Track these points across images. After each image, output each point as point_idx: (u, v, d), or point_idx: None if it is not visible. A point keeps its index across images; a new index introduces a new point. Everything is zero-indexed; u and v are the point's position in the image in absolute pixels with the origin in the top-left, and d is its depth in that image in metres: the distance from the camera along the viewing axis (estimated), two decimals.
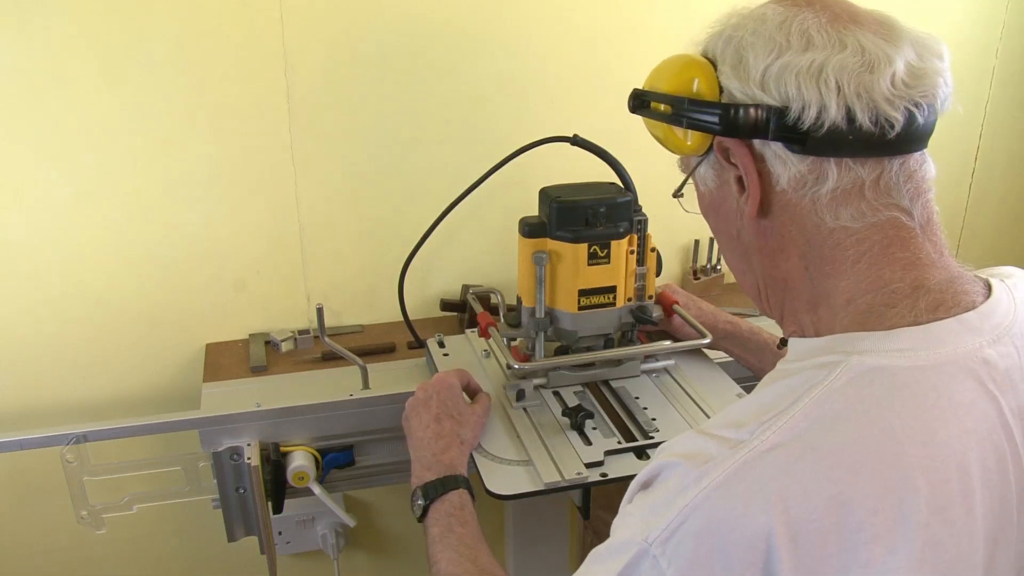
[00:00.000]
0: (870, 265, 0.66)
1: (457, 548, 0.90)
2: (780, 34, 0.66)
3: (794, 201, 0.68)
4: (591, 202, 1.12)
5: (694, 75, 0.72)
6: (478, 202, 1.34)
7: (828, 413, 0.59)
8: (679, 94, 0.73)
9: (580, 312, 1.16)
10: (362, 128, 1.44)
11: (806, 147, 0.65)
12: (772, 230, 0.71)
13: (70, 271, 1.39)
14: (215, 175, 1.40)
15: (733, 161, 0.70)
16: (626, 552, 0.61)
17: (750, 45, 0.67)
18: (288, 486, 1.24)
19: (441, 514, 0.95)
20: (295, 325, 1.53)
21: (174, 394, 1.50)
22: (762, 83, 0.66)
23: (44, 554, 1.58)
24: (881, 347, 0.62)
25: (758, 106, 0.66)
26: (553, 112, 1.50)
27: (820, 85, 0.64)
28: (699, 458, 0.60)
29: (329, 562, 1.63)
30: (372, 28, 1.38)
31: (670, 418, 1.14)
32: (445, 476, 0.98)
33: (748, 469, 0.58)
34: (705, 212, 0.79)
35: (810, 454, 0.58)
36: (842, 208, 0.66)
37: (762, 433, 0.59)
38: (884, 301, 0.65)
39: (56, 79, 1.28)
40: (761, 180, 0.69)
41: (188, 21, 1.30)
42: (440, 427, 1.04)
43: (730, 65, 0.69)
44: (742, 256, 0.76)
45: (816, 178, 0.66)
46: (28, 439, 1.19)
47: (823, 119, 0.64)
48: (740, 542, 0.57)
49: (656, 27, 1.50)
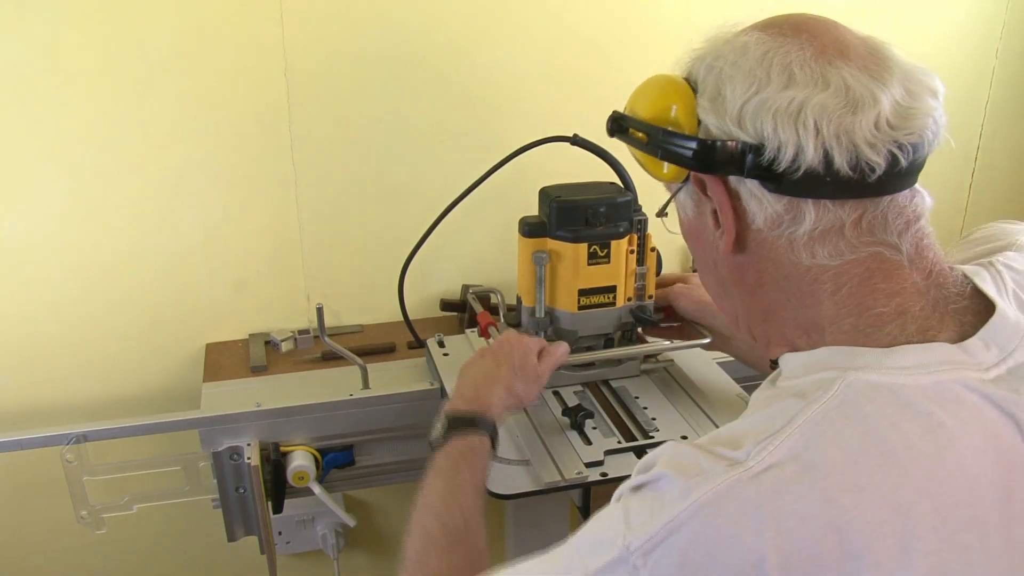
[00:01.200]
0: (851, 294, 0.64)
1: (451, 486, 0.87)
2: (760, 68, 0.63)
3: (770, 240, 0.66)
4: (591, 202, 1.12)
5: (672, 102, 0.69)
6: (478, 202, 1.34)
7: (826, 432, 0.57)
8: (656, 122, 0.70)
9: (580, 312, 1.16)
10: (362, 128, 1.44)
11: (781, 187, 0.63)
12: (749, 265, 0.69)
13: (70, 271, 1.39)
14: (215, 175, 1.40)
15: (708, 194, 0.68)
16: (605, 552, 0.59)
17: (728, 78, 0.64)
18: (288, 486, 1.24)
19: (454, 450, 0.91)
20: (295, 325, 1.53)
21: (174, 394, 1.50)
22: (739, 119, 0.63)
23: (44, 554, 1.58)
24: (881, 363, 0.60)
25: (734, 142, 0.63)
26: (553, 112, 1.50)
27: (798, 126, 0.61)
28: (691, 471, 0.58)
29: (329, 562, 1.63)
30: (372, 28, 1.38)
31: (670, 418, 1.14)
32: (476, 415, 0.94)
33: (741, 488, 0.55)
34: (685, 237, 0.78)
35: (807, 475, 0.55)
36: (819, 247, 0.64)
37: (758, 454, 0.56)
38: (869, 323, 0.63)
39: (56, 79, 1.28)
40: (736, 217, 0.66)
41: (188, 22, 1.30)
42: (497, 370, 1.00)
43: (708, 97, 0.66)
44: (720, 286, 0.75)
45: (792, 218, 0.64)
46: (28, 439, 1.19)
47: (799, 161, 0.61)
48: (728, 565, 0.55)
49: (656, 27, 1.50)
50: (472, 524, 0.84)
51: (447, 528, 0.83)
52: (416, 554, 0.81)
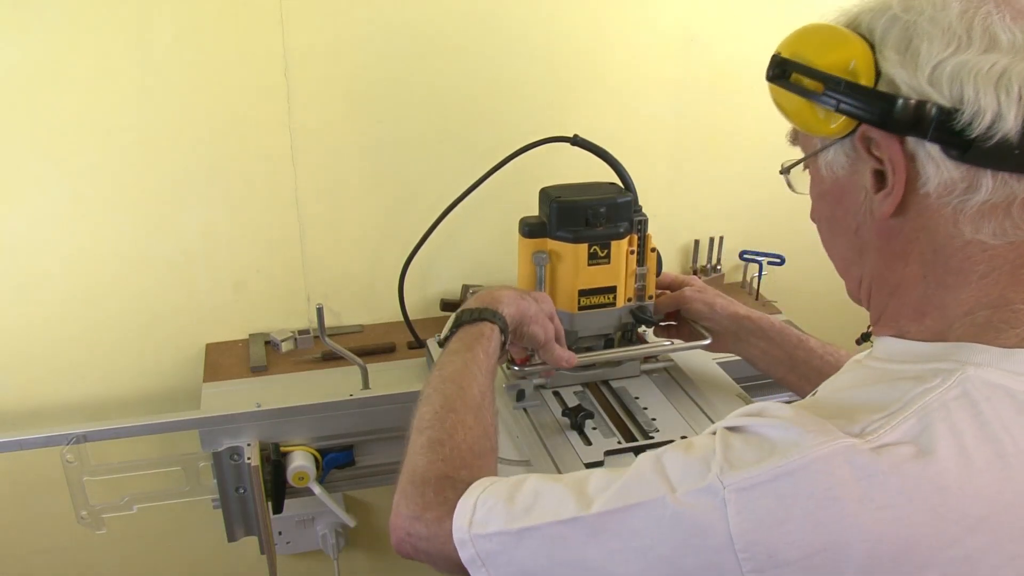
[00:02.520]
0: (996, 282, 0.62)
1: (468, 364, 0.87)
2: (960, 26, 0.59)
3: (935, 207, 0.62)
4: (591, 202, 1.12)
5: (850, 55, 0.63)
6: (478, 202, 1.34)
7: (944, 422, 0.56)
8: (832, 71, 0.64)
9: (580, 312, 1.16)
10: (362, 128, 1.44)
11: (966, 154, 0.59)
12: (900, 233, 0.65)
13: (70, 271, 1.39)
14: (215, 175, 1.40)
15: (875, 153, 0.63)
16: (694, 479, 0.59)
17: (925, 33, 0.60)
18: (288, 486, 1.24)
19: (471, 335, 0.91)
20: (295, 325, 1.53)
21: (174, 394, 1.50)
22: (932, 78, 0.59)
23: (44, 554, 1.58)
24: (1000, 364, 0.59)
25: (924, 102, 0.59)
26: (553, 112, 1.50)
27: (1000, 92, 0.57)
28: (808, 427, 0.57)
29: (329, 562, 1.63)
30: (372, 29, 1.38)
31: (670, 418, 1.14)
32: (492, 309, 0.94)
33: (857, 455, 0.55)
34: (819, 197, 0.73)
35: (921, 459, 0.55)
36: (985, 222, 0.61)
37: (874, 430, 0.56)
38: (1004, 319, 0.61)
39: (55, 79, 1.28)
40: (907, 180, 0.62)
41: (188, 21, 1.30)
42: (520, 296, 1.00)
43: (894, 49, 0.61)
44: (855, 251, 0.71)
45: (967, 187, 0.60)
46: (28, 439, 1.19)
47: (996, 129, 0.57)
48: (823, 523, 0.55)
49: (657, 28, 1.50)
50: (487, 400, 0.85)
51: (466, 400, 0.83)
52: (436, 418, 0.81)
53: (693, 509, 0.58)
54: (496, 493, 0.69)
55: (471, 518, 0.69)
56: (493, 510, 0.68)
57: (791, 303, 1.62)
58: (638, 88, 1.53)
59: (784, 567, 0.56)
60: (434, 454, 0.77)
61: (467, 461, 0.76)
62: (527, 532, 0.65)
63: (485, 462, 0.76)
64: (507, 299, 0.97)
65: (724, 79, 1.54)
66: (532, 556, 0.65)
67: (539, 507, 0.66)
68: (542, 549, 0.65)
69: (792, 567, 0.56)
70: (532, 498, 0.67)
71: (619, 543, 0.61)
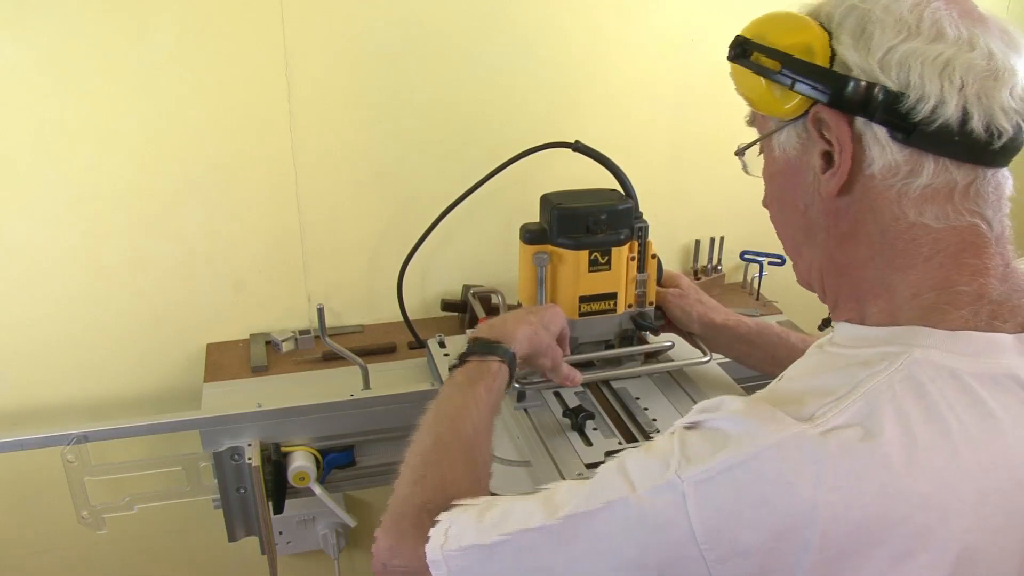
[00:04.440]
0: (940, 265, 0.65)
1: (466, 401, 0.88)
2: (912, 16, 0.63)
3: (880, 189, 0.66)
4: (592, 209, 1.13)
5: (809, 38, 0.67)
6: (479, 203, 1.34)
7: (890, 403, 0.59)
8: (791, 51, 0.68)
9: (581, 319, 1.16)
10: (363, 128, 1.44)
11: (910, 138, 0.63)
12: (847, 213, 0.68)
13: (70, 271, 1.39)
14: (216, 175, 1.40)
15: (825, 134, 0.67)
16: (654, 476, 0.61)
17: (879, 21, 0.64)
18: (289, 486, 1.24)
19: (474, 370, 0.92)
20: (296, 325, 1.53)
21: (175, 394, 1.50)
22: (883, 63, 0.63)
23: (45, 554, 1.58)
24: (945, 346, 0.62)
25: (874, 84, 0.63)
26: (554, 113, 1.49)
27: (944, 80, 0.62)
28: (760, 416, 0.60)
29: (330, 562, 1.64)
30: (373, 29, 1.38)
31: (671, 418, 1.14)
32: (500, 342, 0.95)
33: (806, 441, 0.57)
34: (771, 178, 0.76)
35: (869, 440, 0.57)
36: (927, 206, 0.64)
37: (823, 415, 0.58)
38: (949, 300, 0.64)
39: (56, 79, 1.28)
40: (853, 160, 0.66)
41: (188, 21, 1.30)
42: (527, 316, 1.02)
43: (849, 35, 0.65)
44: (804, 232, 0.74)
45: (910, 171, 0.64)
46: (29, 439, 1.19)
47: (938, 114, 0.62)
48: (778, 509, 0.57)
49: (658, 32, 1.50)
50: (481, 438, 0.85)
51: (458, 435, 0.84)
52: (422, 453, 0.82)
53: (654, 506, 0.60)
54: (467, 512, 0.71)
55: (444, 538, 0.70)
56: (465, 527, 0.69)
57: (791, 303, 1.62)
58: (639, 90, 1.53)
59: (746, 555, 0.58)
60: (416, 487, 0.78)
61: (449, 492, 0.76)
62: (497, 544, 0.67)
63: (469, 495, 0.76)
64: (522, 335, 0.98)
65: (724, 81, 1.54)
66: (503, 568, 0.67)
67: (509, 520, 0.67)
68: (513, 560, 0.66)
69: (753, 554, 0.57)
70: (501, 513, 0.68)
71: (586, 546, 0.63)
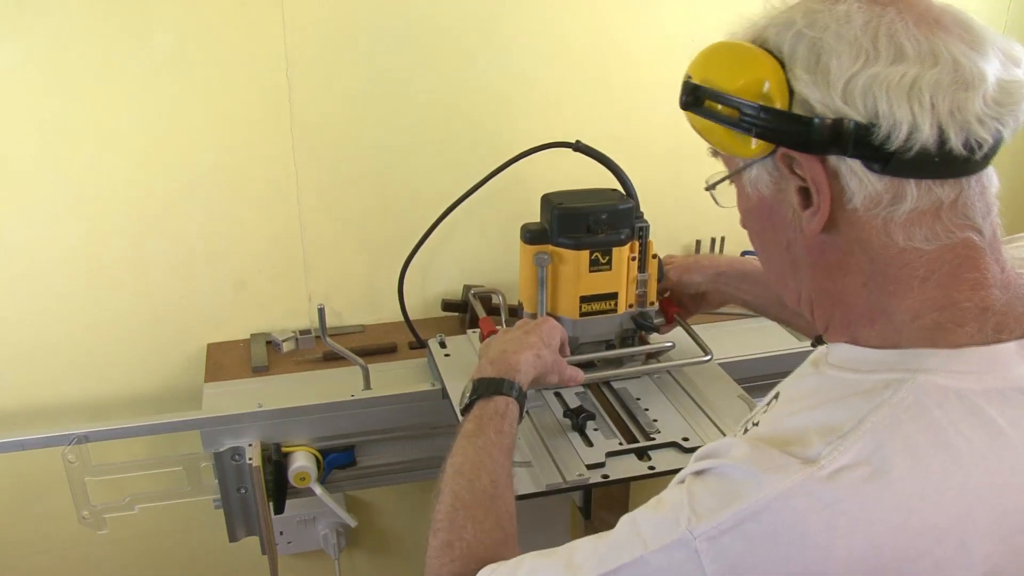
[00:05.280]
0: (938, 285, 0.61)
1: (479, 450, 0.87)
2: (866, 39, 0.59)
3: (864, 220, 0.62)
4: (593, 209, 1.13)
5: (762, 76, 0.62)
6: (479, 203, 1.34)
7: (896, 436, 0.57)
8: (744, 96, 0.63)
9: (581, 319, 1.16)
10: (364, 128, 1.44)
11: (888, 167, 0.59)
12: (833, 246, 0.65)
13: (71, 271, 1.39)
14: (217, 175, 1.40)
15: (798, 172, 0.63)
16: (666, 533, 0.60)
17: (832, 49, 0.59)
18: (289, 486, 1.24)
19: (482, 413, 0.91)
20: (296, 325, 1.53)
21: (175, 394, 1.50)
22: (845, 94, 0.59)
23: (45, 554, 1.58)
24: (949, 367, 0.60)
25: (841, 119, 0.59)
26: (556, 117, 1.49)
27: (913, 103, 0.57)
28: (765, 464, 0.58)
29: (330, 562, 1.64)
30: (374, 29, 1.38)
31: (671, 419, 1.14)
32: (502, 378, 0.94)
33: (814, 486, 0.56)
34: (748, 215, 0.72)
35: (878, 479, 0.56)
36: (916, 229, 0.60)
37: (829, 454, 0.57)
38: (952, 319, 0.61)
39: (57, 80, 1.28)
40: (832, 197, 0.62)
41: (189, 21, 1.30)
42: (526, 337, 1.01)
43: (805, 68, 0.61)
44: (789, 267, 0.70)
45: (892, 198, 0.60)
46: (30, 439, 1.19)
47: (913, 140, 0.57)
48: (793, 558, 0.55)
49: (661, 33, 1.50)
50: (500, 488, 0.85)
51: (476, 493, 0.83)
52: (447, 518, 0.82)
53: (670, 563, 0.60)
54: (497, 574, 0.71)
55: None
56: None
57: None
58: (640, 90, 1.53)
59: None
60: (446, 556, 0.78)
61: (478, 556, 0.77)
62: None
63: (498, 553, 0.77)
64: (525, 363, 0.97)
65: None
66: None
67: None
68: None
69: None
70: None
71: None
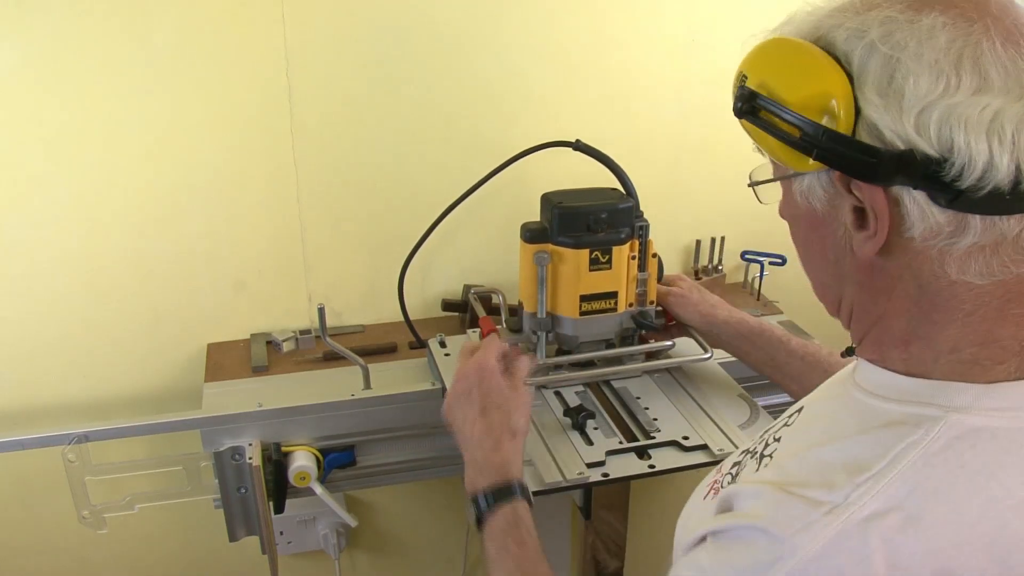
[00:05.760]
0: (983, 319, 0.59)
1: (512, 572, 0.86)
2: (948, 63, 0.53)
3: (919, 249, 0.58)
4: (593, 208, 1.13)
5: (828, 90, 0.57)
6: (480, 202, 1.34)
7: (929, 480, 0.55)
8: (807, 113, 0.58)
9: (581, 318, 1.16)
10: (364, 128, 1.44)
11: (956, 202, 0.54)
12: (882, 270, 0.61)
13: (71, 271, 1.39)
14: (217, 175, 1.40)
15: (855, 192, 0.59)
16: None
17: (910, 71, 0.54)
18: (289, 486, 1.24)
19: (496, 531, 0.89)
20: (296, 325, 1.53)
21: (175, 394, 1.50)
22: (918, 124, 0.54)
23: (45, 554, 1.58)
24: (981, 404, 0.58)
25: (911, 150, 0.54)
26: (556, 115, 1.49)
27: (992, 139, 0.52)
28: (789, 524, 0.56)
29: (330, 562, 1.64)
30: (375, 28, 1.38)
31: (671, 418, 1.14)
32: (498, 484, 0.91)
33: (846, 539, 0.54)
34: (793, 219, 0.68)
35: (911, 526, 0.54)
36: (971, 263, 0.57)
37: (859, 498, 0.55)
38: (991, 356, 0.59)
39: (57, 80, 1.28)
40: (890, 224, 0.58)
41: (189, 21, 1.30)
42: (488, 421, 0.97)
43: (876, 90, 0.55)
44: (833, 279, 0.67)
45: (953, 231, 0.56)
46: (29, 439, 1.19)
47: (987, 179, 0.53)
48: None
49: (661, 33, 1.50)
50: None
51: None
52: None
53: None
54: None
55: None
56: None
57: (793, 303, 1.62)
58: (640, 89, 1.53)
59: None
60: None
61: None
62: None
63: None
64: (510, 454, 0.95)
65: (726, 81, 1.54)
66: None
67: None
68: None
69: None
70: None
71: None
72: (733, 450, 1.06)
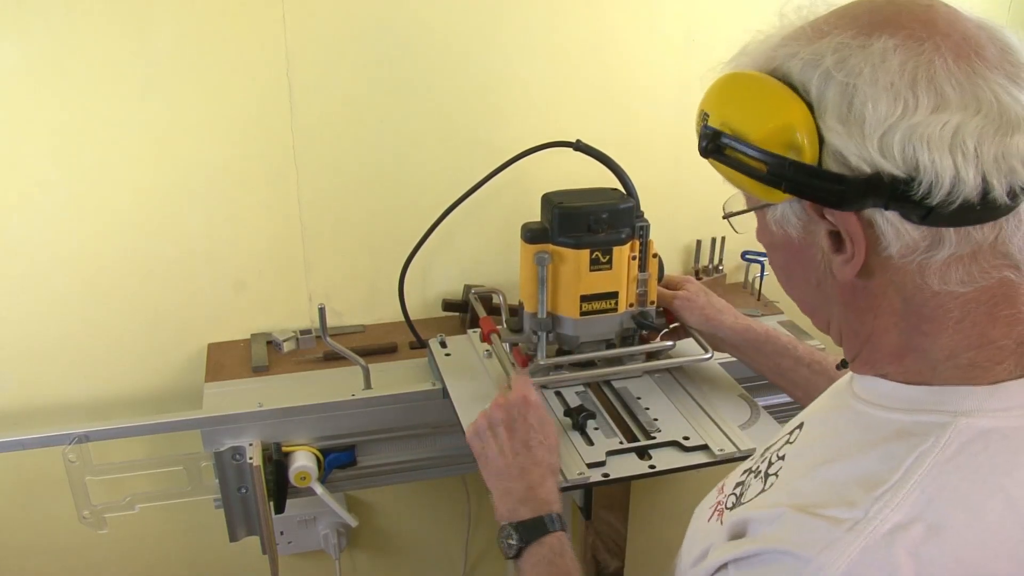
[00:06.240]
0: (974, 324, 0.59)
1: None
2: (903, 83, 0.54)
3: (899, 265, 0.59)
4: (593, 208, 1.13)
5: (790, 123, 0.57)
6: (480, 202, 1.34)
7: (946, 487, 0.55)
8: (771, 147, 0.59)
9: (582, 318, 1.16)
10: (364, 128, 1.44)
11: (928, 218, 0.55)
12: (865, 289, 0.62)
13: (72, 271, 1.39)
14: (217, 175, 1.40)
15: (829, 218, 0.59)
16: None
17: (868, 97, 0.55)
18: (290, 486, 1.24)
19: (539, 559, 0.88)
20: (297, 325, 1.53)
21: (176, 394, 1.50)
22: (882, 146, 0.54)
23: (46, 554, 1.58)
24: (987, 406, 0.58)
25: (878, 173, 0.55)
26: (556, 116, 1.49)
27: (955, 154, 0.53)
28: (814, 544, 0.56)
29: (331, 562, 1.64)
30: (375, 28, 1.38)
31: (672, 418, 1.14)
32: (542, 516, 0.90)
33: (872, 553, 0.54)
34: (771, 248, 0.69)
35: (935, 536, 0.54)
36: (952, 273, 0.58)
37: (879, 512, 0.55)
38: (989, 357, 0.59)
39: (57, 80, 1.28)
40: (867, 246, 0.59)
41: (190, 21, 1.30)
42: (532, 455, 0.96)
43: (837, 117, 0.56)
44: (818, 301, 0.68)
45: (929, 246, 0.57)
46: (30, 439, 1.20)
47: (957, 193, 0.54)
48: None
49: (661, 33, 1.50)
50: None
51: None
52: None
53: None
54: None
55: None
56: None
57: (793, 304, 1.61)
58: (641, 89, 1.53)
59: None
60: None
61: None
62: None
63: None
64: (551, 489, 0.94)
65: None
66: None
67: None
68: None
69: None
70: None
71: None
72: (733, 450, 1.06)
